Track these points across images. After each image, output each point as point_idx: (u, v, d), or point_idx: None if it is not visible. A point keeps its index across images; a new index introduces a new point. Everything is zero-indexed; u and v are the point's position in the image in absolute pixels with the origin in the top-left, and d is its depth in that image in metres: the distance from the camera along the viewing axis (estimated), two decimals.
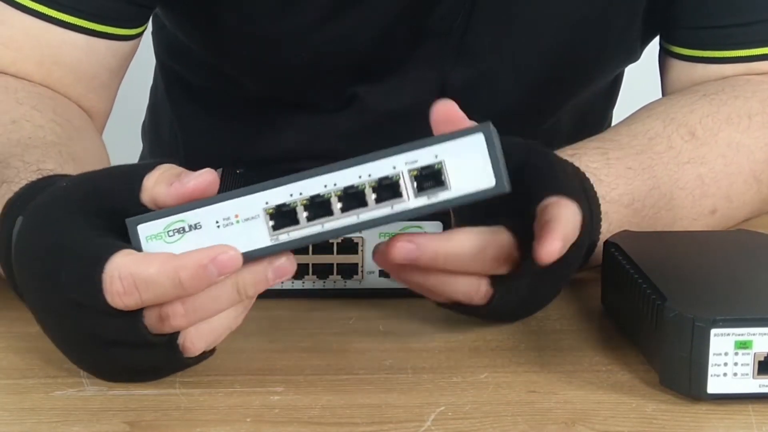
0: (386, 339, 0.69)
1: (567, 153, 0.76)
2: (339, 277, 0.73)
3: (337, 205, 0.58)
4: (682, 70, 0.94)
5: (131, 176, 0.61)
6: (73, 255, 0.58)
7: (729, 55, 0.91)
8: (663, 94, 0.96)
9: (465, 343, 0.68)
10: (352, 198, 0.58)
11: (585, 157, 0.76)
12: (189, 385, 0.62)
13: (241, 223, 0.58)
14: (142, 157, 1.18)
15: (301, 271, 0.72)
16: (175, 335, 0.59)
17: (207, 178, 0.59)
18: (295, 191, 0.58)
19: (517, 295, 0.67)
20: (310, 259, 0.72)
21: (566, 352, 0.67)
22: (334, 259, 0.73)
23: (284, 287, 0.73)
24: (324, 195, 0.58)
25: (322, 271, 0.73)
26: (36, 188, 0.65)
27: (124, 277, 0.56)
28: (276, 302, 0.72)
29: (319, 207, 0.58)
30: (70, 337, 0.61)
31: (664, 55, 0.96)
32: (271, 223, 0.58)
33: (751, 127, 0.84)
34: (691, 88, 0.90)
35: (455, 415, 0.60)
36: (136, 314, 0.58)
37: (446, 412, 0.60)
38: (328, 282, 0.73)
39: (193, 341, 0.60)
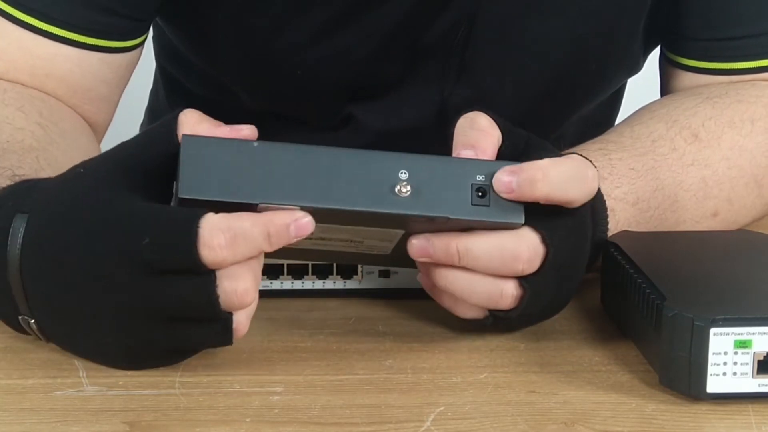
0: (386, 339, 0.69)
1: (567, 153, 0.76)
2: (339, 277, 0.73)
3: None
4: (686, 79, 0.93)
5: (162, 127, 0.63)
6: (158, 219, 0.60)
7: (737, 67, 0.90)
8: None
9: (465, 343, 0.68)
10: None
11: (585, 157, 0.76)
12: (189, 385, 0.62)
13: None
14: None
15: (300, 271, 0.72)
16: (231, 317, 0.61)
17: (251, 130, 0.63)
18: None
19: (547, 292, 0.66)
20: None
21: (566, 352, 0.67)
22: None
23: (284, 287, 0.73)
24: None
25: (322, 271, 0.73)
26: (20, 189, 0.65)
27: (225, 230, 0.59)
28: (276, 302, 0.72)
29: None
30: (121, 313, 0.61)
31: (667, 64, 0.95)
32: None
33: (754, 131, 0.84)
34: (693, 90, 0.90)
35: (455, 415, 0.60)
36: (213, 281, 0.59)
37: (446, 412, 0.60)
38: (328, 282, 0.73)
39: (242, 322, 0.62)
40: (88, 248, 0.60)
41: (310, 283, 0.73)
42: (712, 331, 0.59)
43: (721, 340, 0.59)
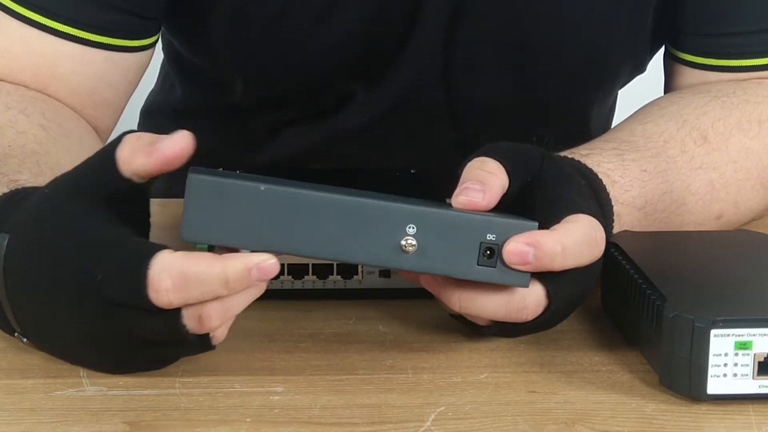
0: (386, 339, 0.69)
1: (581, 152, 0.75)
2: (339, 277, 0.73)
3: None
4: (690, 76, 0.93)
5: (104, 158, 0.61)
6: (112, 253, 0.58)
7: (741, 65, 0.90)
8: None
9: (465, 343, 0.68)
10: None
11: (599, 157, 0.75)
12: (189, 385, 0.62)
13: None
14: None
15: (301, 271, 0.72)
16: (206, 334, 0.60)
17: (183, 140, 0.60)
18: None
19: (533, 329, 0.66)
20: (310, 259, 0.72)
21: (566, 352, 0.67)
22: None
23: (284, 287, 0.73)
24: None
25: (322, 271, 0.73)
26: (9, 204, 0.64)
27: (174, 274, 0.57)
28: (276, 302, 0.72)
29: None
30: (94, 338, 0.61)
31: (671, 60, 0.95)
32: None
33: (761, 133, 0.84)
34: (702, 87, 0.89)
35: (455, 415, 0.60)
36: (176, 314, 0.58)
37: (446, 412, 0.60)
38: (328, 282, 0.73)
39: (219, 332, 0.60)
40: (52, 276, 0.60)
41: (310, 283, 0.73)
42: (713, 332, 0.59)
43: (721, 342, 0.59)
